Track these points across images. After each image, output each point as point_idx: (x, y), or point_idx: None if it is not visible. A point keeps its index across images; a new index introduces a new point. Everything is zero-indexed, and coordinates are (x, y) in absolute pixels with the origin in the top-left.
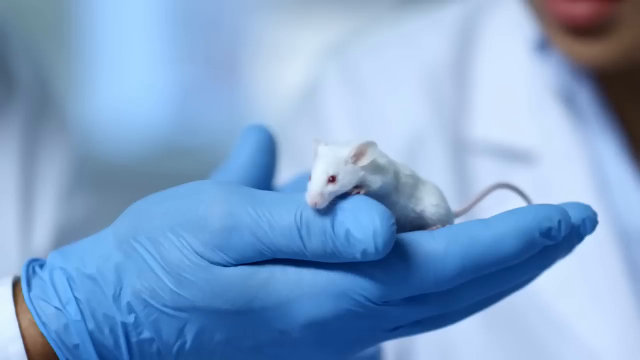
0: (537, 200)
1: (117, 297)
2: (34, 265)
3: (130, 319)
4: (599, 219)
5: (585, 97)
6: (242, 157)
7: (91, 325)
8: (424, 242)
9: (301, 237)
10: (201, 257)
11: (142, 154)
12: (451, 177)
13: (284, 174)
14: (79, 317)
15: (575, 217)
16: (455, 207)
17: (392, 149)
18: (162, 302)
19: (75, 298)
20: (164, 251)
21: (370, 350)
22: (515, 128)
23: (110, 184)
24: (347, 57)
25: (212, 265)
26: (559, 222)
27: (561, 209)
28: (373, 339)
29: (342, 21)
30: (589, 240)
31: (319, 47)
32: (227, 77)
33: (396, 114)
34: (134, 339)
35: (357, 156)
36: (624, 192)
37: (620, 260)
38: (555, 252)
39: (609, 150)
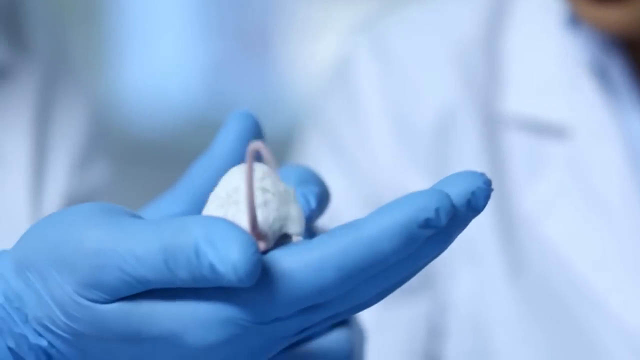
0: (569, 174)
1: (25, 322)
2: None
3: (43, 341)
4: (632, 192)
5: (617, 70)
6: (223, 146)
7: (10, 343)
8: (295, 258)
9: (170, 269)
10: (79, 295)
11: (173, 128)
12: (483, 152)
13: (316, 151)
14: None
15: (463, 190)
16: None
17: (423, 124)
18: (61, 329)
19: None
20: (50, 286)
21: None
22: (547, 102)
23: (141, 158)
24: (377, 31)
25: (90, 302)
26: (436, 210)
27: (439, 194)
28: (279, 346)
29: None
30: (624, 213)
31: (350, 22)
32: (258, 51)
33: (428, 88)
34: (54, 356)
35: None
36: None
37: None
38: (445, 235)
39: None
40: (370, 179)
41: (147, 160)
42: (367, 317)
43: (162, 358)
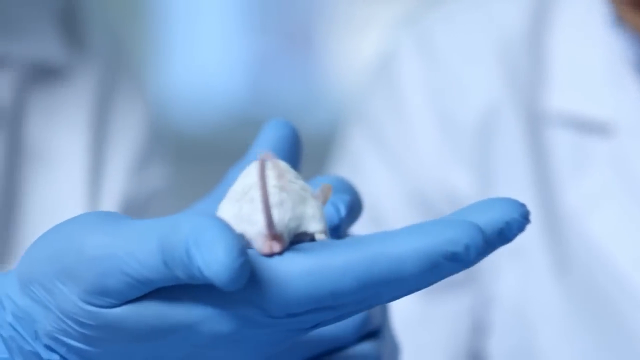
0: (613, 171)
1: (35, 339)
2: None
3: (55, 356)
4: None
5: None
6: (259, 152)
7: None
8: (317, 259)
9: (170, 269)
10: (87, 303)
11: (216, 125)
12: (527, 148)
13: (359, 146)
14: (6, 355)
15: (497, 219)
16: (529, 184)
17: (467, 121)
18: (74, 339)
19: (1, 335)
20: (57, 298)
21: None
22: (592, 99)
23: (185, 155)
24: (422, 27)
25: (100, 309)
26: (466, 246)
27: (472, 229)
28: (291, 338)
29: None
30: None
31: (392, 19)
32: (302, 48)
33: (472, 85)
34: None
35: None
36: None
37: None
38: (469, 264)
39: None
40: (414, 174)
41: (191, 157)
42: (410, 311)
43: (176, 350)
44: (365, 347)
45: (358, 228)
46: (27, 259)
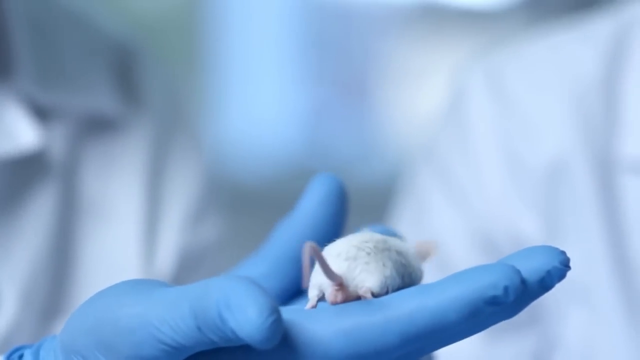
0: None
1: None
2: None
3: None
4: None
5: None
6: (306, 208)
7: None
8: (360, 318)
9: (204, 334)
10: None
11: (272, 176)
12: (597, 196)
13: (426, 184)
14: None
15: (538, 267)
16: (599, 230)
17: (537, 165)
18: None
19: None
20: None
21: None
22: None
23: (241, 207)
24: (493, 64)
25: None
26: (505, 288)
27: (510, 271)
28: None
29: (471, 42)
30: None
31: (449, 68)
32: (358, 99)
33: (544, 129)
34: None
35: None
36: None
37: None
38: (512, 310)
39: None
40: (480, 215)
41: (247, 209)
42: (473, 352)
43: None
44: None
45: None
46: (68, 329)
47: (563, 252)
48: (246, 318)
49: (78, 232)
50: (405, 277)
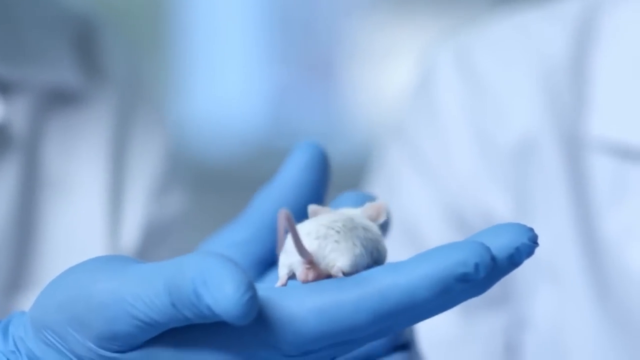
0: None
1: None
2: None
3: None
4: None
5: None
6: (288, 175)
7: None
8: (331, 296)
9: (178, 310)
10: (102, 348)
11: (237, 155)
12: (565, 174)
13: (396, 162)
14: None
15: (507, 244)
16: (567, 209)
17: (506, 143)
18: None
19: None
20: (70, 344)
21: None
22: (637, 128)
23: (205, 184)
24: (461, 44)
25: (115, 353)
26: (475, 265)
27: (480, 248)
28: None
29: (438, 23)
30: None
31: (416, 48)
32: (323, 79)
33: (513, 108)
34: None
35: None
36: None
37: None
38: (482, 286)
39: None
40: (451, 191)
41: (212, 187)
42: (446, 330)
43: None
44: (396, 358)
45: (393, 242)
46: (39, 305)
47: (531, 229)
48: (223, 294)
49: (41, 207)
50: (374, 253)
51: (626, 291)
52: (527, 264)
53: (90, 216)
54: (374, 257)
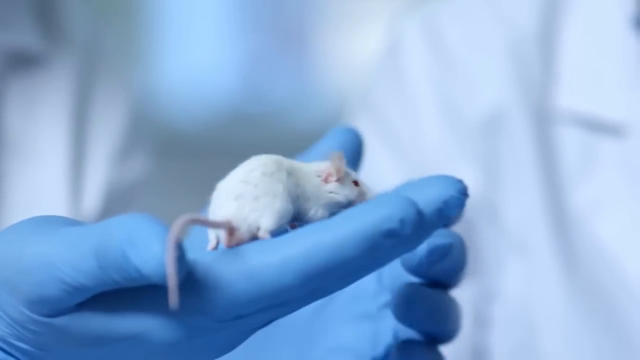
0: (622, 173)
1: None
2: None
3: (10, 359)
4: None
5: None
6: (316, 153)
7: None
8: (258, 257)
9: (106, 274)
10: (32, 312)
11: (207, 121)
12: (534, 146)
13: (366, 137)
14: None
15: (434, 198)
16: (537, 182)
17: (474, 114)
18: (26, 343)
19: None
20: (4, 306)
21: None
22: (604, 100)
23: (174, 150)
24: (428, 15)
25: (46, 317)
26: (401, 220)
27: (405, 203)
28: (246, 337)
29: None
30: None
31: (386, 15)
32: (294, 45)
33: (480, 80)
34: None
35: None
36: None
37: None
38: (411, 242)
39: None
40: (419, 164)
41: (181, 153)
42: None
43: (130, 357)
44: None
45: None
46: None
47: (460, 181)
48: (151, 254)
49: (1, 171)
50: (301, 198)
51: (594, 263)
52: (496, 236)
53: (52, 179)
54: (301, 203)
